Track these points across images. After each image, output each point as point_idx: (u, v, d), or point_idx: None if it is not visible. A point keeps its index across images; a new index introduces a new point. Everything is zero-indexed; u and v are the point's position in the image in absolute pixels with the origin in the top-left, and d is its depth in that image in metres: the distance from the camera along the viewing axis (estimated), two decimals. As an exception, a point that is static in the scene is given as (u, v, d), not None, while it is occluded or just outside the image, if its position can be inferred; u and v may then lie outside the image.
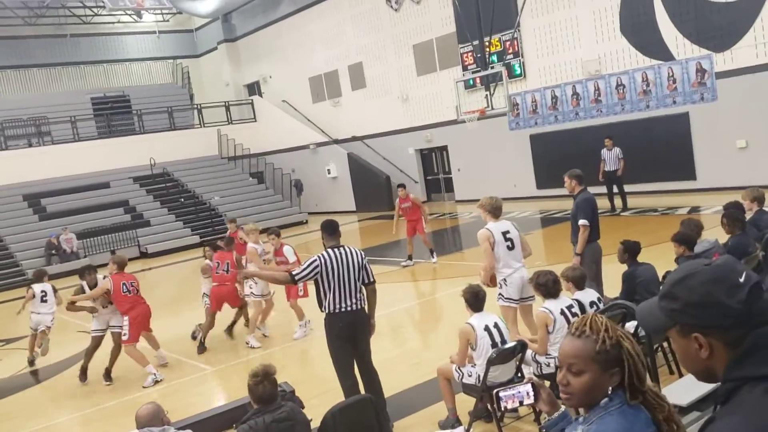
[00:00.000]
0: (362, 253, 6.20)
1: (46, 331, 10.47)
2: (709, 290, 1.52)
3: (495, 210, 6.94)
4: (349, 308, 5.99)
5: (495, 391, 2.41)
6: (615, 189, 16.51)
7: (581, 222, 7.55)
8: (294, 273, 6.11)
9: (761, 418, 1.42)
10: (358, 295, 6.06)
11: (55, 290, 10.92)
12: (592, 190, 8.25)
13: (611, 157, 16.52)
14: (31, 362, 10.50)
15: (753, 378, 1.47)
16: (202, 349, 9.68)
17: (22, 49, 30.80)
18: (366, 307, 6.18)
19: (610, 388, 1.93)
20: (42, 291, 10.69)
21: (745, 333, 1.49)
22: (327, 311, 6.04)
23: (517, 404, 2.34)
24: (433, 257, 13.39)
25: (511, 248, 6.84)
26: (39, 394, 9.04)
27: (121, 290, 8.74)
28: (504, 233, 6.85)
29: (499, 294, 6.95)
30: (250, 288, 9.79)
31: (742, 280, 1.51)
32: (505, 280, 6.83)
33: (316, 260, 5.97)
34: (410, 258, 13.66)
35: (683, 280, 1.57)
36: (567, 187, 7.87)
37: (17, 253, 21.08)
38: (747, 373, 1.48)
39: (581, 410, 2.04)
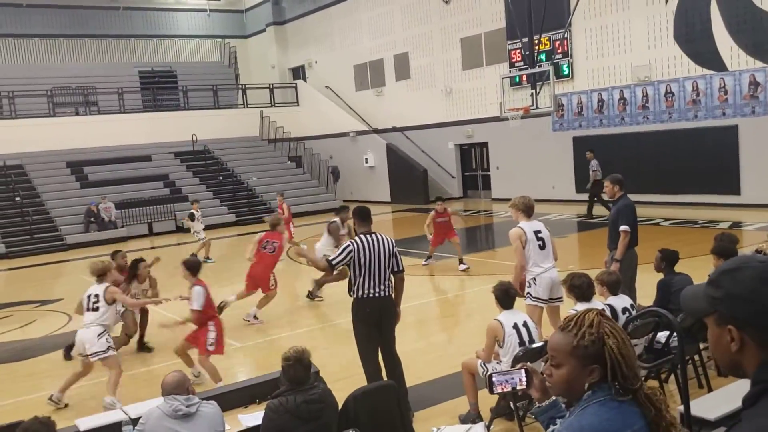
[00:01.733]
0: (393, 241, 6.22)
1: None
2: (755, 287, 1.49)
3: (527, 209, 6.91)
4: (376, 294, 6.03)
5: (488, 373, 2.44)
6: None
7: (622, 228, 7.45)
8: (331, 258, 6.16)
9: None
10: (386, 282, 6.09)
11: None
12: (633, 197, 8.12)
13: (594, 167, 17.42)
14: None
15: None
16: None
17: (75, 18, 31.43)
18: (393, 295, 6.20)
19: (589, 383, 1.95)
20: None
21: None
22: (355, 296, 6.09)
23: (509, 389, 2.37)
24: (462, 264, 12.54)
25: (542, 248, 6.80)
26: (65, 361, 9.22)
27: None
28: (536, 232, 6.84)
29: (528, 293, 6.91)
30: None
31: None
32: (534, 279, 6.79)
33: (349, 245, 6.05)
34: (430, 257, 13.24)
35: (732, 271, 1.54)
36: (608, 191, 7.78)
37: (57, 218, 21.56)
38: None
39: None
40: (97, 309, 7.13)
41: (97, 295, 7.20)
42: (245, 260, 10.50)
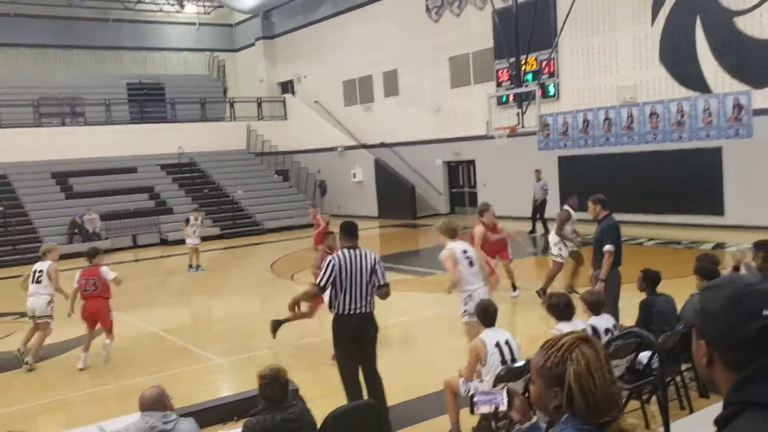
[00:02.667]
0: (377, 256, 6.18)
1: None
2: (724, 306, 1.50)
3: (450, 231, 7.24)
4: (358, 311, 5.98)
5: (471, 394, 2.42)
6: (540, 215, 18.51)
7: (607, 248, 7.49)
8: (317, 282, 6.06)
9: None
10: (368, 299, 6.03)
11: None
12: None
13: (538, 188, 18.47)
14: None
15: (755, 403, 1.44)
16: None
17: (64, 29, 31.35)
18: (373, 312, 6.15)
19: (554, 406, 1.92)
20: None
21: (747, 359, 1.46)
22: (336, 312, 6.03)
23: (491, 409, 2.35)
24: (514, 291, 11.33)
25: (471, 265, 7.12)
26: (50, 369, 9.11)
27: None
28: (463, 251, 7.13)
29: (464, 310, 7.14)
30: None
31: (766, 312, 1.46)
32: (470, 296, 6.96)
33: (331, 260, 6.00)
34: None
35: (714, 287, 1.56)
36: (591, 212, 7.81)
37: (41, 228, 21.36)
38: (749, 397, 1.46)
39: None
40: (40, 282, 9.11)
41: (41, 271, 9.17)
42: (230, 272, 10.40)
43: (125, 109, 28.87)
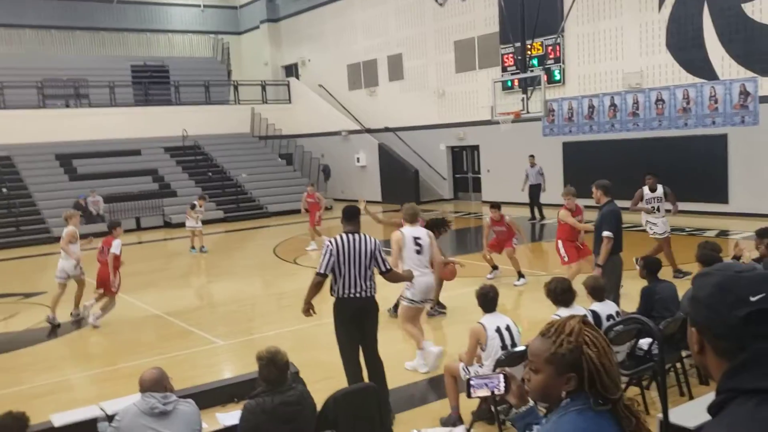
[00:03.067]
0: (377, 242, 6.15)
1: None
2: (712, 293, 1.49)
3: (410, 216, 7.41)
4: (357, 295, 5.97)
5: (467, 377, 2.43)
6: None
7: (605, 234, 7.48)
8: (318, 269, 6.04)
9: (747, 431, 1.38)
10: (368, 283, 6.02)
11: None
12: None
13: (533, 173, 18.30)
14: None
15: (746, 391, 1.44)
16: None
17: (69, 10, 31.24)
18: (375, 296, 6.15)
19: (566, 391, 1.94)
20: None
21: (737, 346, 1.46)
22: (336, 296, 6.03)
23: (487, 393, 2.36)
24: (520, 279, 11.35)
25: (419, 253, 7.22)
26: (53, 349, 9.17)
27: None
28: (415, 238, 7.24)
29: (404, 296, 7.36)
30: None
31: (754, 298, 1.45)
32: (412, 281, 6.97)
33: (328, 245, 6.00)
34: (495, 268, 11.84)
35: (704, 275, 1.56)
36: (594, 197, 7.80)
37: (44, 210, 21.40)
38: (740, 385, 1.45)
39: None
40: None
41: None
42: (233, 256, 10.42)
43: (129, 91, 28.82)
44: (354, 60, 28.25)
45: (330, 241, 5.99)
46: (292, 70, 32.31)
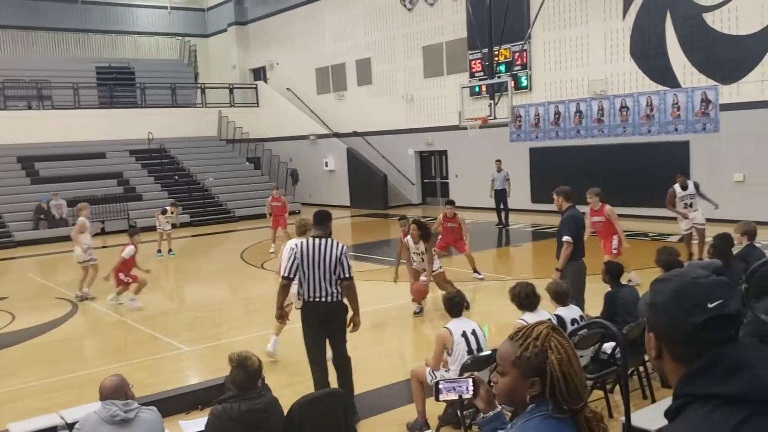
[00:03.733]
0: (344, 247, 6.17)
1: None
2: (670, 299, 1.52)
3: (300, 229, 7.69)
4: (322, 299, 6.02)
5: (435, 380, 2.43)
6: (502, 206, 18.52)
7: (564, 238, 7.58)
8: (282, 273, 6.17)
9: None
10: (333, 288, 6.04)
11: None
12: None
13: (500, 178, 18.39)
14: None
15: (702, 396, 1.46)
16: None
17: (31, 10, 30.62)
18: (343, 300, 6.17)
19: (530, 396, 1.93)
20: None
21: (694, 352, 1.48)
22: (302, 299, 6.11)
23: (455, 397, 2.35)
24: (478, 274, 11.92)
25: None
26: (14, 356, 8.96)
27: None
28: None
29: (291, 302, 7.43)
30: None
31: (711, 305, 1.48)
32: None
33: (293, 249, 6.11)
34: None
35: (661, 281, 1.58)
36: (555, 203, 7.88)
37: (5, 214, 20.96)
38: (696, 390, 1.47)
39: None
40: None
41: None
42: (200, 260, 10.32)
43: (94, 93, 28.33)
44: (322, 64, 28.20)
45: (294, 245, 6.02)
46: (260, 74, 32.13)
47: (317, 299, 6.01)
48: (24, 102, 26.59)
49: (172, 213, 16.96)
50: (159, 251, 16.48)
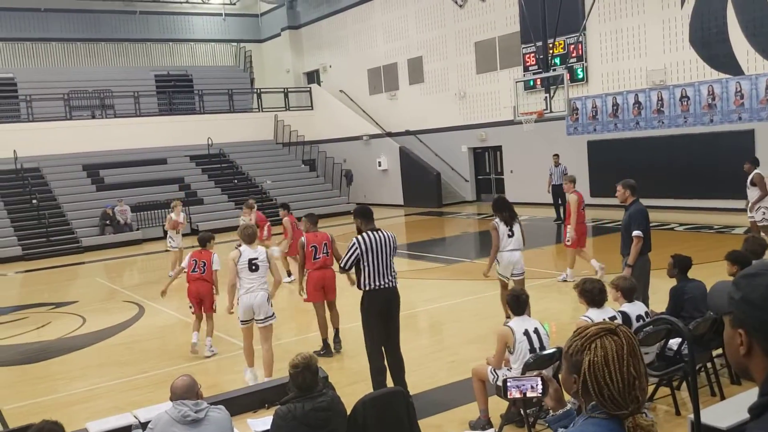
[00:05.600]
0: (394, 235, 6.62)
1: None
2: (767, 294, 1.47)
3: (246, 237, 7.49)
4: (384, 285, 6.38)
5: (504, 378, 2.43)
6: (560, 200, 17.50)
7: (635, 233, 7.41)
8: (342, 264, 6.58)
9: None
10: (393, 274, 6.48)
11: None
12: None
13: (557, 173, 17.74)
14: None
15: None
16: None
17: (92, 23, 31.71)
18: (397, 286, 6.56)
19: (572, 391, 1.96)
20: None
21: None
22: (365, 289, 6.38)
23: (521, 395, 2.35)
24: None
25: (251, 270, 7.34)
26: (85, 358, 9.31)
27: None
28: (251, 259, 7.35)
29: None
30: None
31: None
32: (241, 297, 7.34)
33: (354, 243, 6.38)
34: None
35: (753, 275, 1.52)
36: (619, 196, 7.72)
37: (73, 221, 21.74)
38: None
39: None
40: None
41: None
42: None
43: (154, 101, 29.18)
44: (374, 64, 28.32)
45: (356, 240, 6.36)
46: (313, 77, 32.48)
47: (383, 285, 6.38)
48: (88, 111, 27.56)
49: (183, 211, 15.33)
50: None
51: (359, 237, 6.38)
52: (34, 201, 21.91)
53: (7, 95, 27.87)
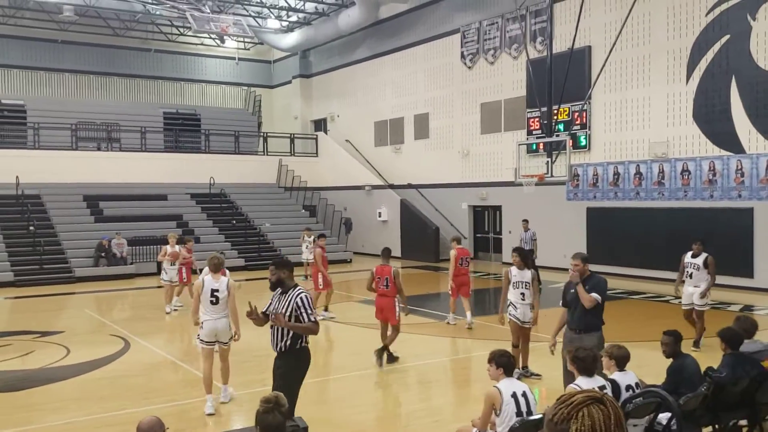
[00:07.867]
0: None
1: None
2: None
3: (213, 267, 8.23)
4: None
5: None
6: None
7: (594, 295, 7.46)
8: (314, 318, 6.72)
9: None
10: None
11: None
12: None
13: (526, 237, 18.13)
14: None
15: None
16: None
17: (106, 57, 32.20)
18: None
19: None
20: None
21: None
22: (304, 345, 6.55)
23: None
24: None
25: (213, 303, 8.11)
26: (66, 390, 9.13)
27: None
28: (213, 290, 8.13)
29: (198, 335, 8.26)
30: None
31: None
32: (203, 324, 8.09)
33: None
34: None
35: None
36: (579, 271, 7.68)
37: (68, 250, 21.65)
38: None
39: None
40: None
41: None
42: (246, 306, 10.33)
43: (160, 137, 29.44)
44: (382, 117, 28.67)
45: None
46: (320, 125, 32.85)
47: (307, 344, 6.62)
48: (94, 143, 27.78)
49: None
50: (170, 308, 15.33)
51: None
52: (31, 228, 21.87)
53: (16, 122, 28.14)
